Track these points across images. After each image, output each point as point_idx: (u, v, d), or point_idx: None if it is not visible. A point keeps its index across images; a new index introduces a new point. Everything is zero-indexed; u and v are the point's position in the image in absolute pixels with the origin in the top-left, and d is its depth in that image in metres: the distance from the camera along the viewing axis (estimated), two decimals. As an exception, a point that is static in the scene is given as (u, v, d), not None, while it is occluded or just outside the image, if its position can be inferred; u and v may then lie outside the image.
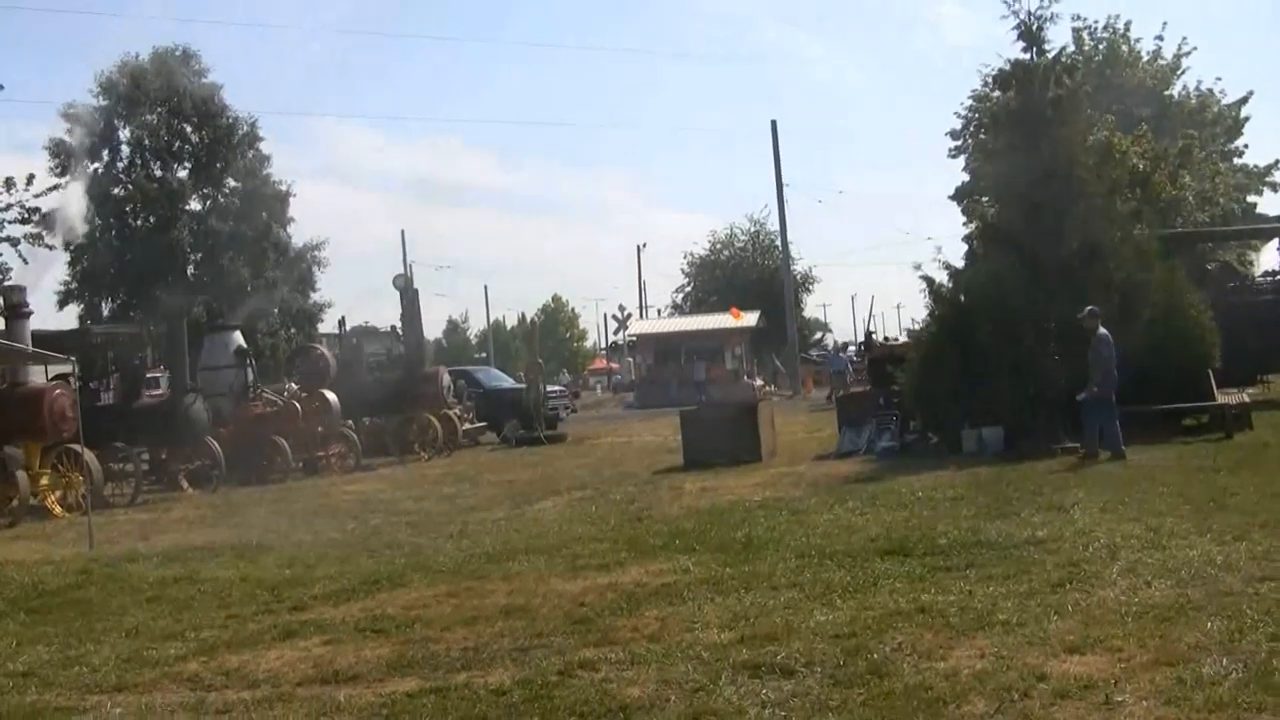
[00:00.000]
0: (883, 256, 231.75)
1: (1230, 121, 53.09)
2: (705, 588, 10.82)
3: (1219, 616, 8.36)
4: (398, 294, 34.49)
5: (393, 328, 35.48)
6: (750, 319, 59.15)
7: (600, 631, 9.48)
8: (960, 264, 24.76)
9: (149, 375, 28.29)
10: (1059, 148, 22.88)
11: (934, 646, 8.25)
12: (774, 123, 62.28)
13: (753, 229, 77.36)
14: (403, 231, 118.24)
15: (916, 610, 9.29)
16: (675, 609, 10.09)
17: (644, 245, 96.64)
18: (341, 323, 36.57)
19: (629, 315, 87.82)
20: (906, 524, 13.63)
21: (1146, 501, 13.89)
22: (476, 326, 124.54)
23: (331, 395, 29.16)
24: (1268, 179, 53.27)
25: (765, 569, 11.52)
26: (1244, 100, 53.58)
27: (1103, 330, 19.54)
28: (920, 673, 7.68)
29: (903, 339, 44.29)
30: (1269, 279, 30.35)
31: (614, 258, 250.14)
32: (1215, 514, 12.67)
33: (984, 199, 34.05)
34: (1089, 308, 19.65)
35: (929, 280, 23.88)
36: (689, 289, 78.91)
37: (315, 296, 63.40)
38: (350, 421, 30.26)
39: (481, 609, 10.67)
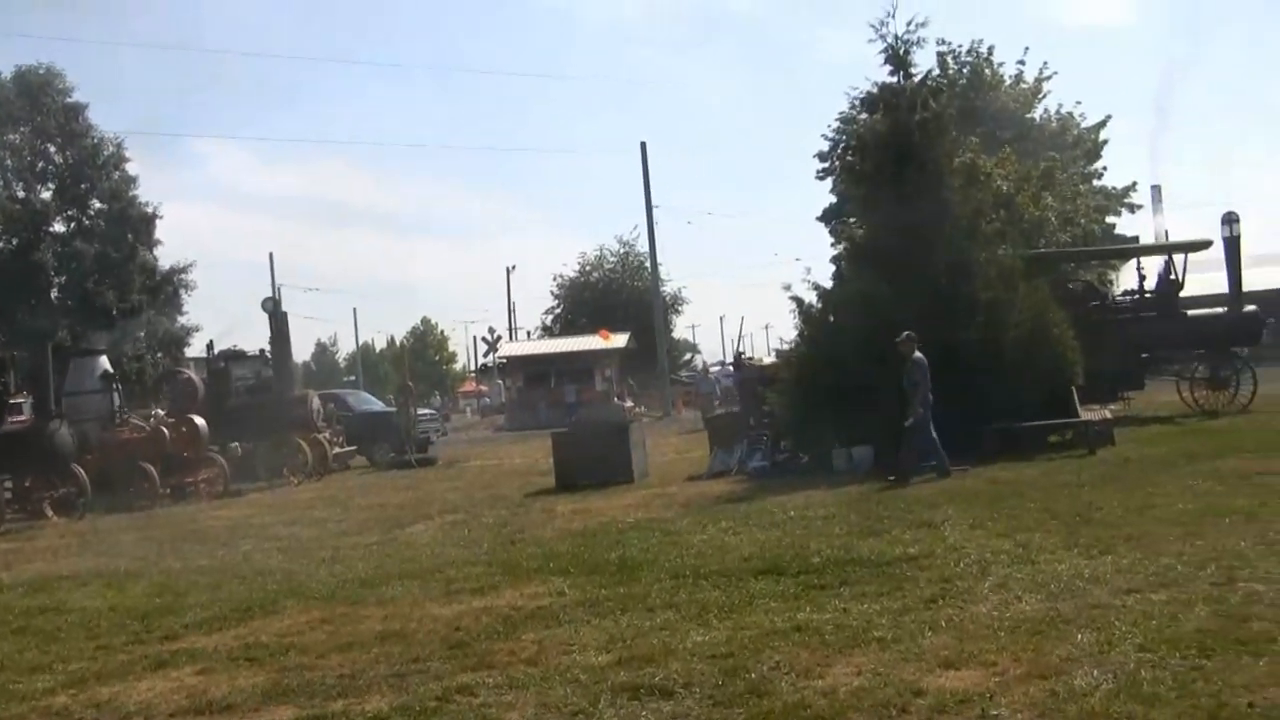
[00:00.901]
0: (752, 278, 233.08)
1: (1090, 144, 54.22)
2: (581, 610, 10.81)
3: (1089, 629, 8.53)
4: (266, 317, 34.10)
5: (261, 351, 35.01)
6: (620, 340, 59.31)
7: (477, 656, 9.42)
8: (829, 285, 25.01)
9: (12, 401, 27.64)
10: (926, 169, 23.22)
11: (811, 664, 8.31)
12: (644, 144, 62.61)
13: (622, 250, 77.75)
14: (271, 254, 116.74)
15: (793, 629, 9.35)
16: (552, 632, 10.06)
17: (514, 267, 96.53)
18: (209, 346, 35.97)
19: (499, 337, 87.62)
20: (780, 543, 13.70)
21: (1015, 517, 14.11)
22: (345, 349, 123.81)
23: (199, 420, 28.69)
24: (1126, 200, 54.45)
25: (641, 590, 11.53)
26: (1103, 124, 54.81)
27: (918, 354, 19.88)
28: (799, 691, 7.73)
29: (771, 359, 44.62)
30: (1128, 298, 30.98)
31: (484, 280, 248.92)
32: (1082, 529, 12.91)
33: (852, 220, 34.42)
34: (905, 333, 19.95)
35: (798, 301, 24.14)
36: (559, 311, 78.94)
37: (183, 320, 62.49)
38: (219, 446, 29.78)
39: (357, 635, 10.56)
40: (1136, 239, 47.09)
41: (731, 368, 47.74)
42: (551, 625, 10.33)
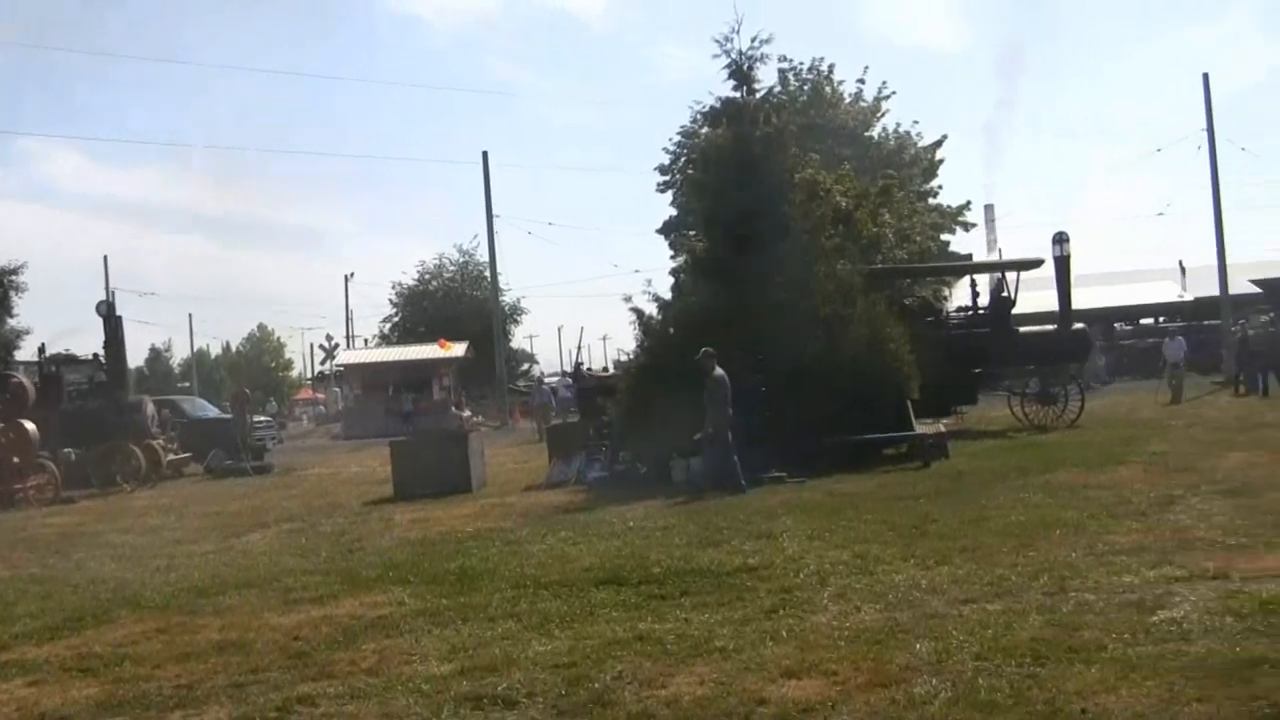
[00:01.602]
0: (591, 289, 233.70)
1: (927, 163, 55.19)
2: (422, 619, 10.72)
3: (927, 638, 8.65)
4: (100, 321, 33.34)
5: (95, 356, 34.27)
6: (458, 350, 59.05)
7: (318, 666, 9.31)
8: (669, 297, 25.15)
9: None
10: (767, 184, 23.45)
11: (654, 674, 8.33)
12: (485, 153, 62.48)
13: (462, 259, 77.39)
14: (105, 257, 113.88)
15: (635, 639, 9.36)
16: (393, 641, 9.97)
17: (352, 275, 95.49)
18: (41, 350, 35.09)
19: (336, 345, 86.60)
20: (620, 553, 13.72)
21: (853, 529, 14.29)
22: (180, 355, 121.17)
23: (30, 425, 27.92)
24: (960, 218, 55.51)
25: (481, 600, 11.47)
26: (939, 143, 55.86)
27: (718, 371, 20.12)
28: (642, 701, 7.74)
29: (610, 370, 44.73)
30: (962, 314, 31.60)
31: (322, 287, 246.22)
32: (918, 540, 13.12)
33: (692, 233, 34.67)
34: (705, 349, 20.18)
35: (638, 312, 24.26)
36: (397, 319, 78.27)
37: (13, 322, 60.75)
38: (50, 452, 29.02)
39: (194, 645, 10.36)
40: (970, 256, 48.08)
41: (570, 378, 47.74)
42: (392, 635, 10.23)
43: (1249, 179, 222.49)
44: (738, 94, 24.89)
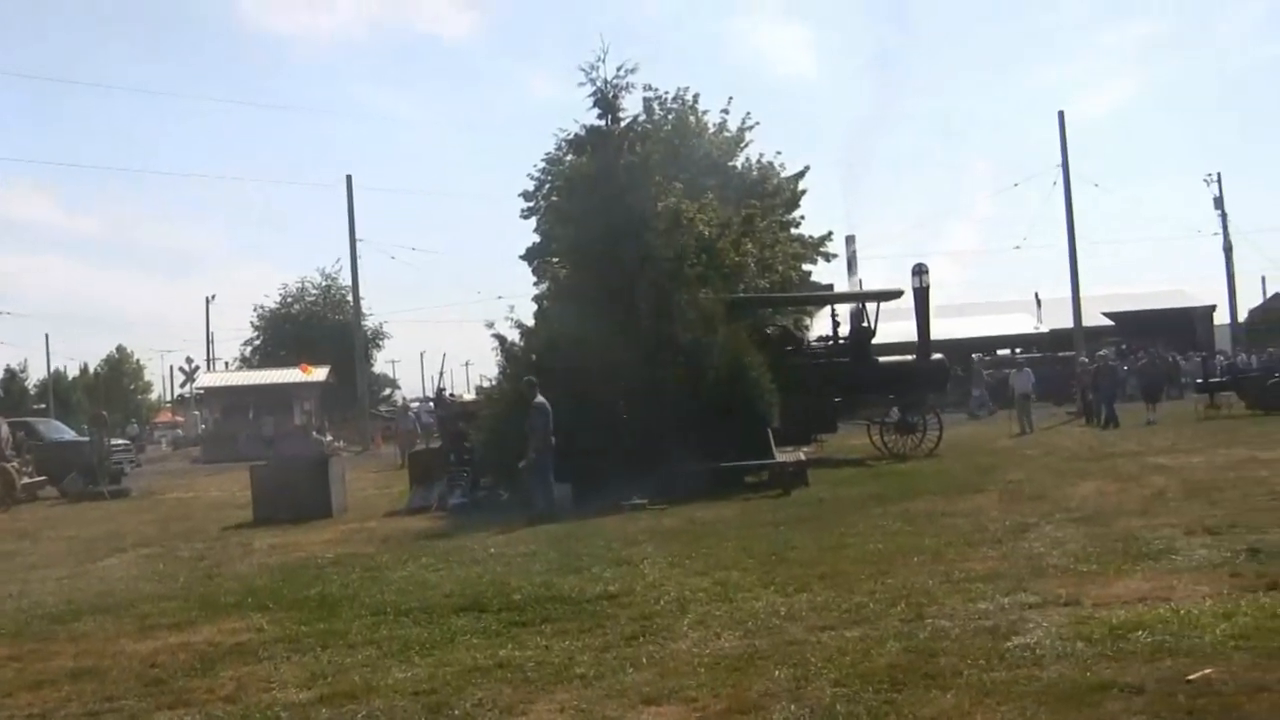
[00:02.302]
0: (454, 314, 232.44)
1: (789, 193, 55.47)
2: (281, 646, 10.58)
3: (786, 665, 8.70)
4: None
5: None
6: (320, 374, 58.48)
7: (174, 693, 9.14)
8: (532, 323, 25.12)
9: None
10: (630, 212, 23.53)
11: (515, 701, 8.29)
12: (349, 177, 61.88)
13: (324, 283, 76.61)
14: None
15: (495, 665, 9.31)
16: (251, 668, 9.82)
17: (213, 297, 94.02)
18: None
19: (197, 368, 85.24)
20: (481, 580, 13.66)
21: (713, 556, 14.35)
22: (36, 376, 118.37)
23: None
24: (821, 249, 55.88)
25: (341, 626, 11.35)
26: (801, 174, 56.18)
27: (539, 399, 20.23)
28: (502, 728, 7.71)
29: (472, 396, 44.51)
30: (822, 343, 31.92)
31: (183, 309, 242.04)
32: (778, 567, 13.21)
33: (556, 260, 34.60)
34: (527, 377, 20.30)
35: (501, 338, 24.19)
36: (259, 342, 77.24)
37: None
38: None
39: (47, 672, 10.13)
40: (831, 286, 48.47)
41: (432, 404, 47.41)
42: (251, 662, 10.09)
43: (1102, 213, 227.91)
44: (603, 122, 24.95)
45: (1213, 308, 79.02)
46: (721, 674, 8.63)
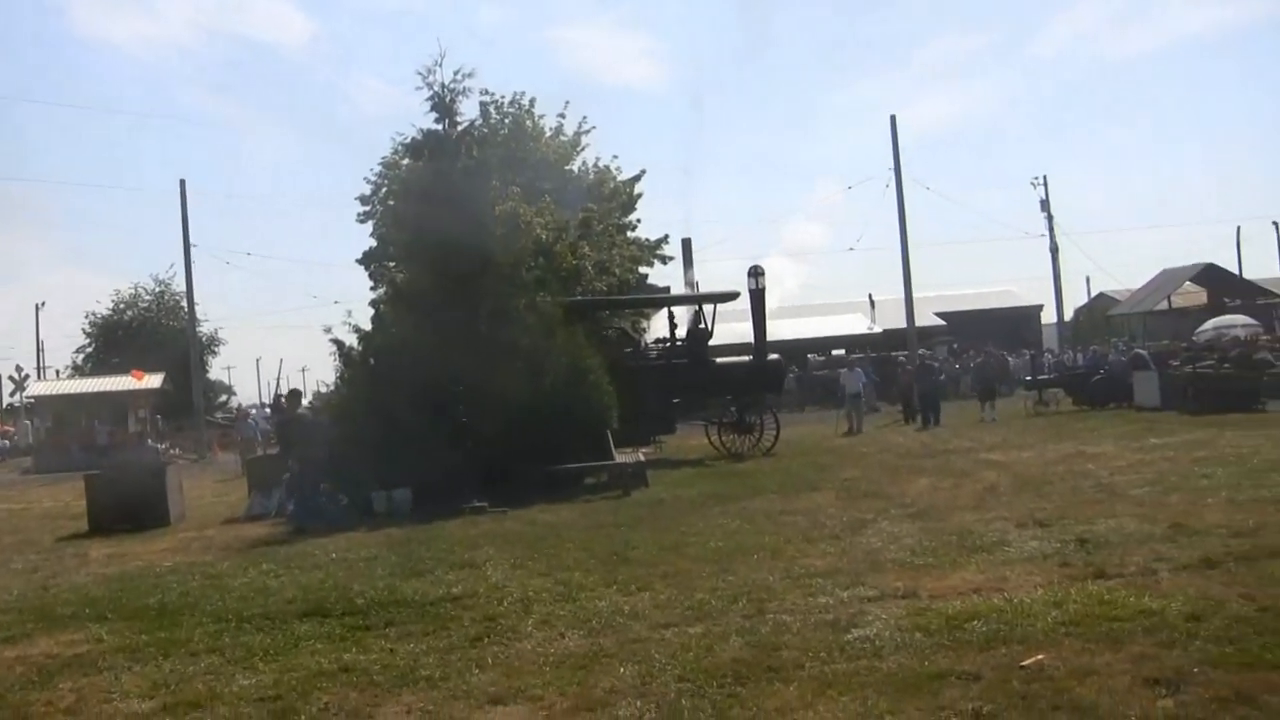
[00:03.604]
0: (291, 320, 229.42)
1: (625, 197, 55.69)
2: (121, 656, 10.36)
3: (630, 662, 8.78)
4: None
5: None
6: (154, 381, 57.36)
7: (11, 708, 8.93)
8: (370, 328, 24.91)
9: None
10: (467, 216, 23.43)
11: (361, 705, 8.27)
12: (183, 182, 60.65)
13: (158, 289, 75.23)
14: None
15: (340, 670, 9.25)
16: (91, 680, 9.61)
17: (43, 304, 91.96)
18: None
19: (27, 376, 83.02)
20: (323, 585, 13.52)
21: (555, 557, 14.36)
22: None
23: None
24: (658, 252, 56.16)
25: (183, 635, 11.15)
26: (638, 178, 56.41)
27: (301, 410, 20.21)
28: (349, 731, 7.66)
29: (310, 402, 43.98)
30: (660, 345, 32.07)
31: (11, 317, 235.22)
32: (619, 566, 13.27)
33: (393, 264, 34.37)
34: (291, 388, 20.31)
35: (339, 344, 23.90)
36: (91, 349, 75.50)
37: None
38: None
39: (-126, 691, 9.81)
40: (668, 289, 48.69)
41: (269, 410, 46.79)
42: (90, 673, 9.87)
43: (934, 216, 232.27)
44: (439, 126, 24.84)
45: (1040, 307, 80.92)
46: (566, 673, 8.67)
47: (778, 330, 48.10)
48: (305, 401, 31.07)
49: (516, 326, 22.95)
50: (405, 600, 12.11)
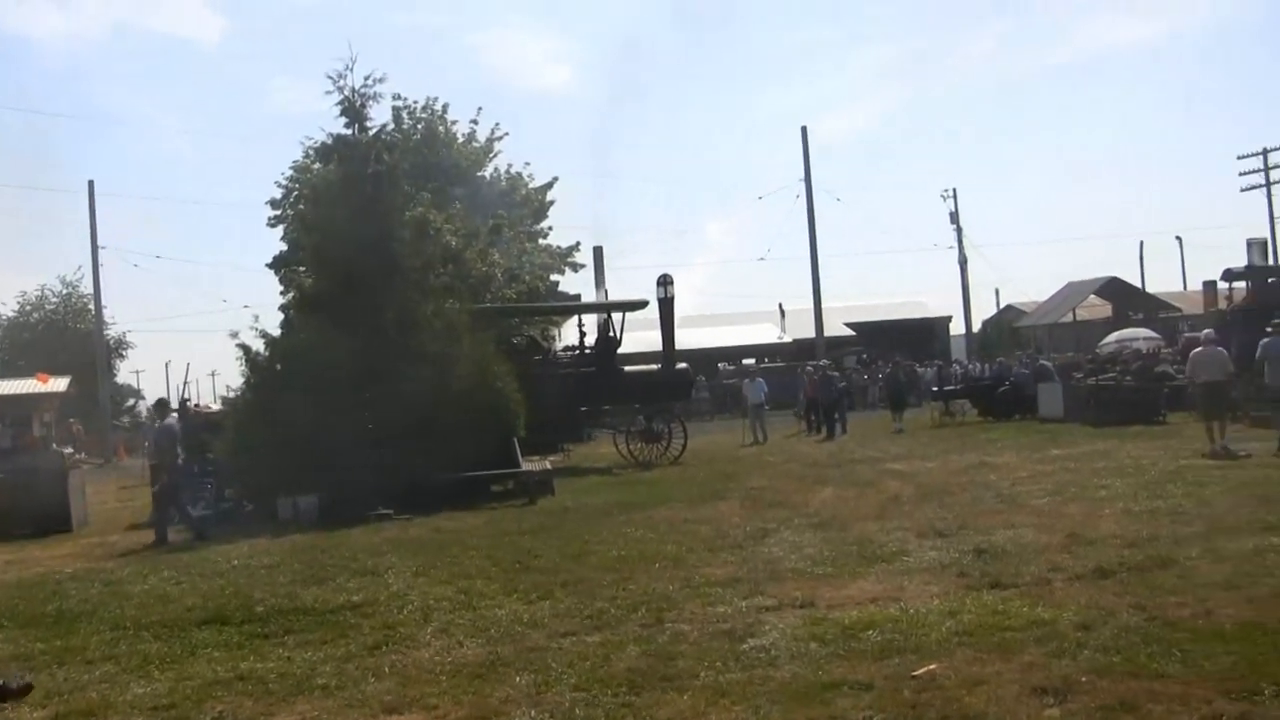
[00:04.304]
0: (200, 324, 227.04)
1: (537, 204, 55.83)
2: (16, 665, 10.19)
3: (527, 671, 8.79)
4: None
5: None
6: (60, 384, 56.61)
7: (-105, 718, 8.79)
8: (278, 333, 24.74)
9: None
10: (376, 222, 23.36)
11: (255, 714, 8.23)
12: (91, 183, 60.21)
13: (65, 291, 74.31)
14: None
15: (236, 678, 9.21)
16: (-20, 689, 9.48)
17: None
18: None
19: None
20: (223, 592, 13.43)
21: (457, 564, 14.35)
22: None
23: None
24: (569, 259, 56.30)
25: (79, 643, 11.04)
26: (550, 185, 56.58)
27: (168, 420, 20.17)
28: (241, 740, 7.62)
29: (218, 406, 43.56)
30: (569, 353, 32.09)
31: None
32: (521, 575, 13.28)
33: (303, 269, 34.16)
34: (159, 398, 20.24)
35: (245, 348, 23.72)
36: (-5, 352, 74.43)
37: None
38: None
39: None
40: (579, 297, 48.82)
41: (176, 415, 46.26)
42: (-20, 682, 9.73)
43: (845, 227, 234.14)
44: (350, 131, 24.72)
45: (949, 318, 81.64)
46: (463, 681, 8.67)
47: (688, 339, 48.29)
48: (144, 411, 30.68)
49: (424, 333, 22.91)
50: (305, 608, 12.05)
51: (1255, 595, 9.80)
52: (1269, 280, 31.27)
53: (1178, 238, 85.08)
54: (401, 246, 23.98)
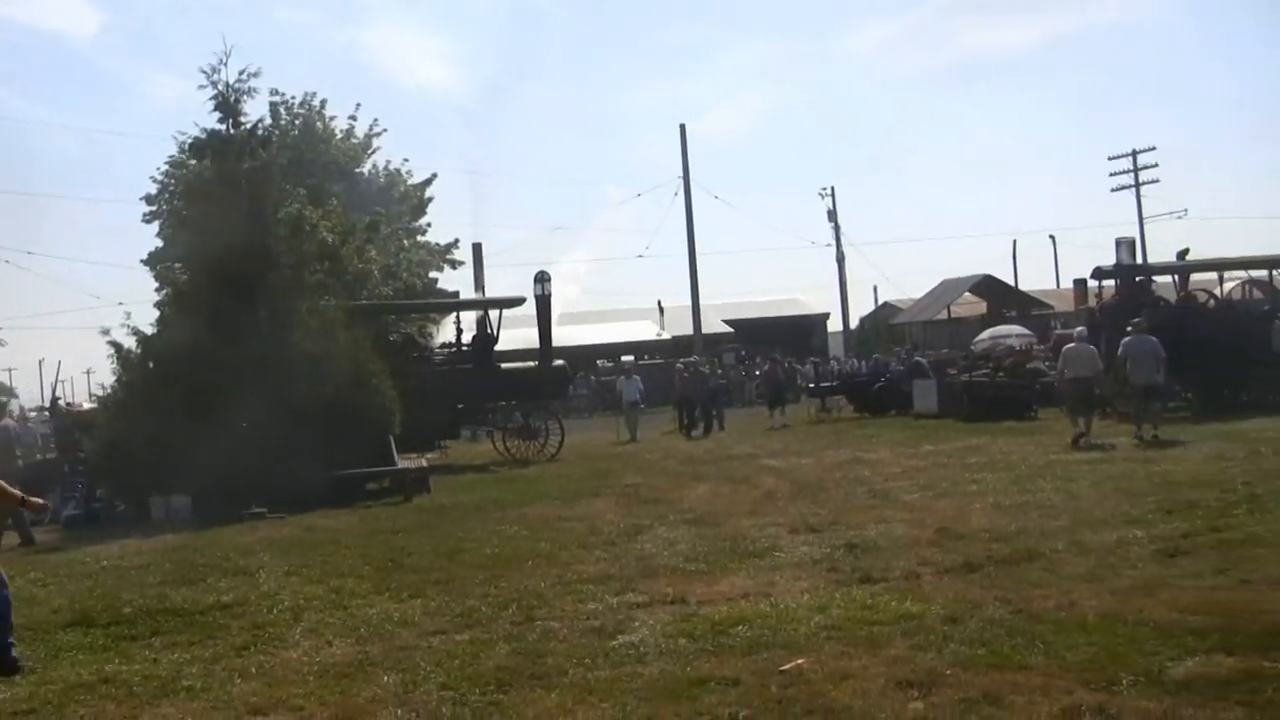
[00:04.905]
0: (73, 321, 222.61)
1: (416, 200, 55.50)
2: None
3: (395, 670, 8.78)
4: None
5: None
6: (-74, 382, 55.59)
7: None
8: (153, 330, 24.40)
9: None
10: (250, 219, 23.13)
11: (117, 717, 8.17)
12: (-45, 177, 58.97)
13: (-68, 289, 72.93)
14: None
15: (100, 681, 9.09)
16: None
17: None
18: None
19: None
20: (91, 593, 13.24)
21: (330, 563, 14.29)
22: None
23: None
24: (448, 256, 56.05)
25: (-63, 649, 10.83)
26: (429, 181, 56.27)
27: (4, 422, 19.99)
28: (101, 744, 7.52)
29: (91, 405, 42.85)
30: (446, 350, 31.98)
31: None
32: (394, 573, 13.24)
33: (178, 265, 33.71)
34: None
35: (117, 346, 23.38)
36: None
37: None
38: None
39: None
40: (458, 294, 48.58)
41: (47, 413, 45.39)
42: None
43: (724, 223, 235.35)
44: (224, 126, 24.41)
45: (827, 315, 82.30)
46: (330, 682, 8.64)
47: (568, 336, 48.33)
48: (16, 409, 30.29)
49: (299, 331, 22.72)
50: (174, 609, 11.94)
51: (1117, 587, 10.03)
52: (1137, 279, 31.83)
53: (1051, 236, 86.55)
54: (276, 243, 23.75)
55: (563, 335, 36.88)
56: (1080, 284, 35.18)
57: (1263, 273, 32.90)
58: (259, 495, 20.16)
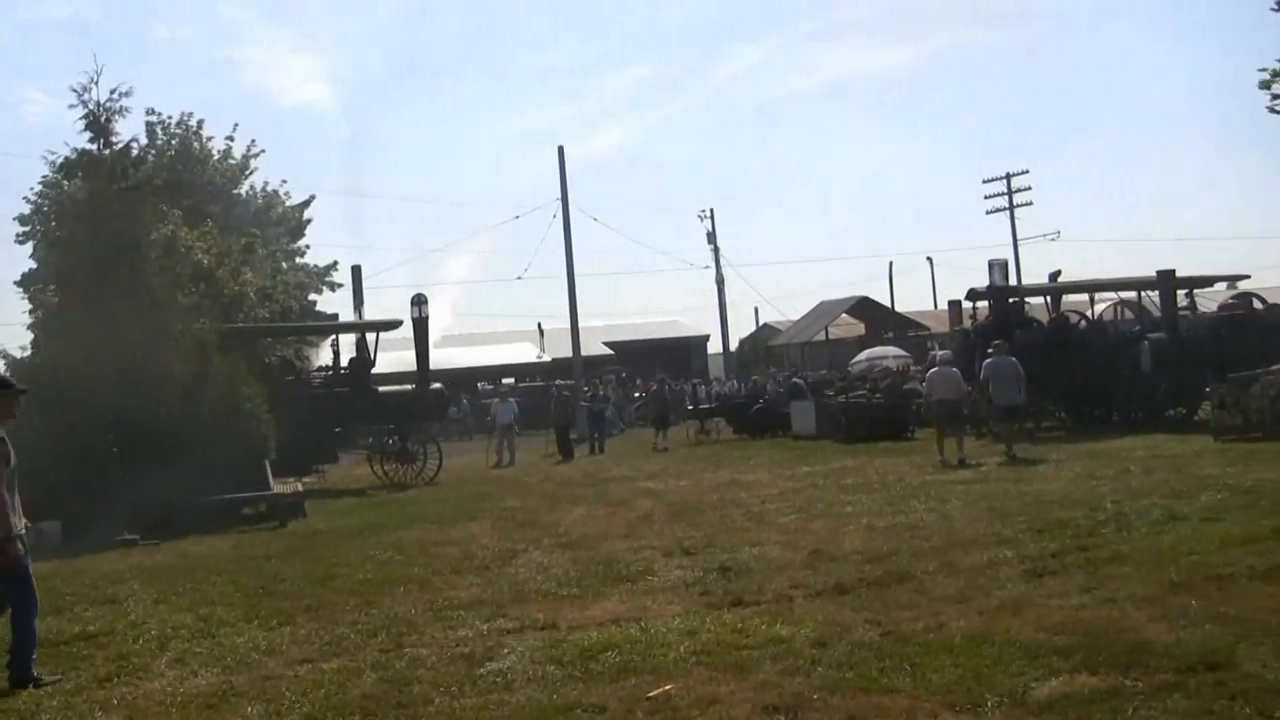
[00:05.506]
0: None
1: (294, 222, 55.07)
2: None
3: (260, 700, 8.67)
4: None
5: None
6: None
7: None
8: (27, 354, 24.01)
9: None
10: (122, 240, 22.81)
11: (-31, 755, 7.99)
12: None
13: None
14: None
15: (-47, 717, 8.90)
16: None
17: None
18: None
19: None
20: (-51, 625, 12.97)
21: (200, 591, 14.09)
22: None
23: None
24: (326, 278, 55.67)
25: None
26: (307, 203, 55.88)
27: None
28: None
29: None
30: (322, 373, 31.79)
31: None
32: (265, 600, 13.10)
33: (51, 288, 33.18)
34: None
35: (-14, 370, 22.96)
36: None
37: None
38: None
39: None
40: (336, 316, 48.20)
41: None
42: None
43: (605, 246, 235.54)
44: (95, 146, 24.08)
45: (707, 337, 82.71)
46: (193, 713, 8.53)
47: (447, 358, 48.17)
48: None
49: (171, 354, 22.40)
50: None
51: (985, 607, 10.13)
52: (1010, 300, 32.42)
53: (928, 258, 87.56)
54: (147, 265, 23.44)
55: (442, 358, 36.76)
56: (955, 305, 35.67)
57: (1133, 294, 33.65)
58: (130, 521, 19.85)
